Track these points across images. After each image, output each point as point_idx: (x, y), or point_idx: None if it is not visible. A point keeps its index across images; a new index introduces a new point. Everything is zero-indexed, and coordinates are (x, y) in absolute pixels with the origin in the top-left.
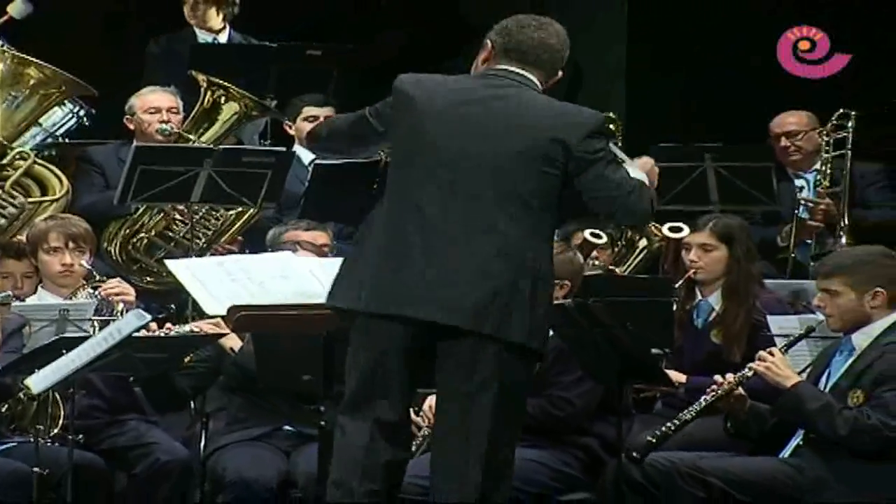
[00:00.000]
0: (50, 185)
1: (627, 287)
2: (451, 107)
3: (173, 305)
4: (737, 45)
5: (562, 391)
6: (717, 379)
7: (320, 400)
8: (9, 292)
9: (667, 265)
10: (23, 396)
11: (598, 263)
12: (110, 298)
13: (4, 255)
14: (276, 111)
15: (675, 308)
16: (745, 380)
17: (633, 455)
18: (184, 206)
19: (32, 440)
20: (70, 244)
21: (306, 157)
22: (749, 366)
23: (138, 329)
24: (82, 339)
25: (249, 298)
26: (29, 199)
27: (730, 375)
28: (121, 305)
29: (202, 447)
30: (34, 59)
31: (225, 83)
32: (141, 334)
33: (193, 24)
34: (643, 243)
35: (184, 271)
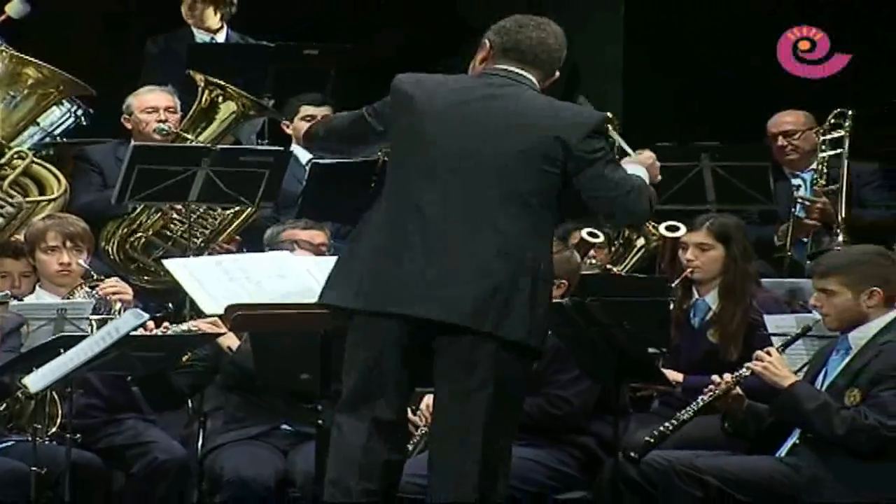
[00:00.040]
0: (48, 184)
1: (624, 286)
2: (451, 106)
3: (171, 304)
4: (736, 45)
5: (559, 390)
6: (715, 379)
7: (318, 399)
8: (7, 291)
9: (664, 264)
10: (21, 395)
11: (595, 262)
12: (108, 297)
13: (2, 254)
14: (274, 111)
15: (671, 307)
16: (742, 379)
17: (632, 455)
18: (181, 206)
19: (30, 439)
20: (68, 243)
21: (304, 156)
22: (746, 365)
23: (136, 328)
24: (80, 339)
25: (247, 297)
26: (27, 199)
27: (727, 375)
28: (118, 304)
29: (200, 446)
30: (32, 59)
31: (222, 83)
32: (138, 333)
33: (191, 23)
34: (640, 242)
35: (181, 270)
